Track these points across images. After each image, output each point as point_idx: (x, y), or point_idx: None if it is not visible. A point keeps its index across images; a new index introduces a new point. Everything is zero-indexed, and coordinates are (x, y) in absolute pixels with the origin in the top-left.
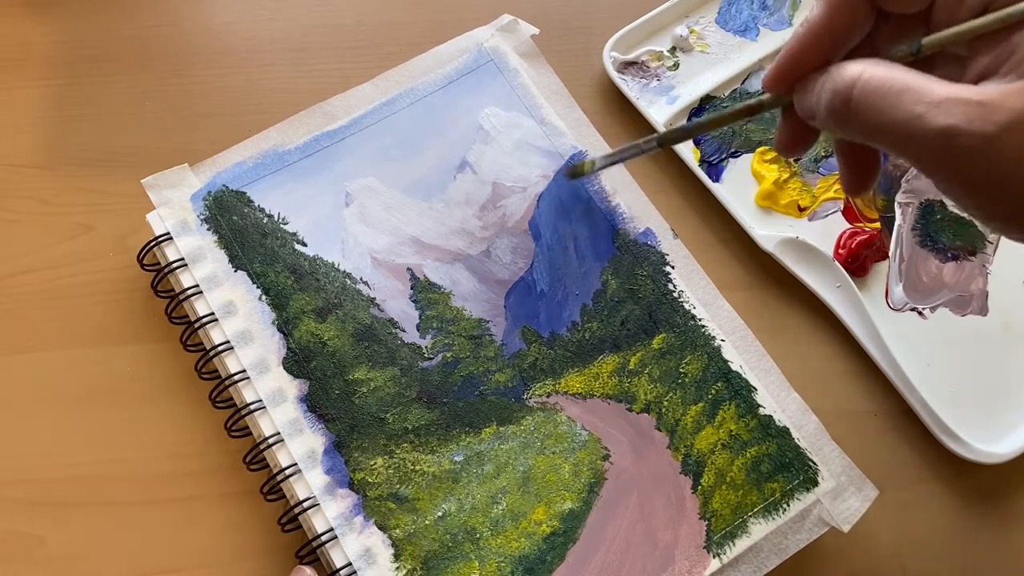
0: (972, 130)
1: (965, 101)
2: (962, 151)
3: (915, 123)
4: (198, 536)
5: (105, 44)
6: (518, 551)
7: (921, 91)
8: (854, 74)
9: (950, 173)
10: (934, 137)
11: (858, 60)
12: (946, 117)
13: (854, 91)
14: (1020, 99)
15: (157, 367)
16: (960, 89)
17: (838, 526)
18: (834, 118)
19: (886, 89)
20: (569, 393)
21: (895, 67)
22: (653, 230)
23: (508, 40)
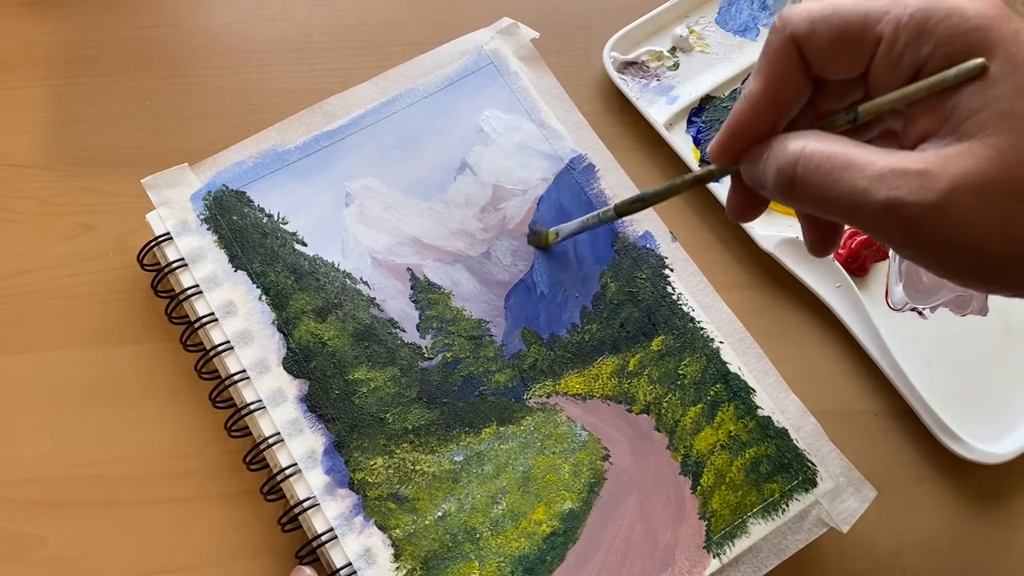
0: (915, 200)
1: (905, 172)
2: (908, 220)
3: (859, 197)
4: (198, 536)
5: (105, 44)
6: (518, 551)
7: (862, 165)
8: (796, 151)
9: (899, 240)
10: (879, 210)
11: (798, 133)
12: (888, 190)
13: (797, 168)
14: (958, 164)
15: (157, 367)
16: (900, 159)
17: (837, 526)
18: (781, 193)
19: (828, 166)
20: (569, 394)
21: (836, 140)
22: (652, 233)
23: (508, 43)
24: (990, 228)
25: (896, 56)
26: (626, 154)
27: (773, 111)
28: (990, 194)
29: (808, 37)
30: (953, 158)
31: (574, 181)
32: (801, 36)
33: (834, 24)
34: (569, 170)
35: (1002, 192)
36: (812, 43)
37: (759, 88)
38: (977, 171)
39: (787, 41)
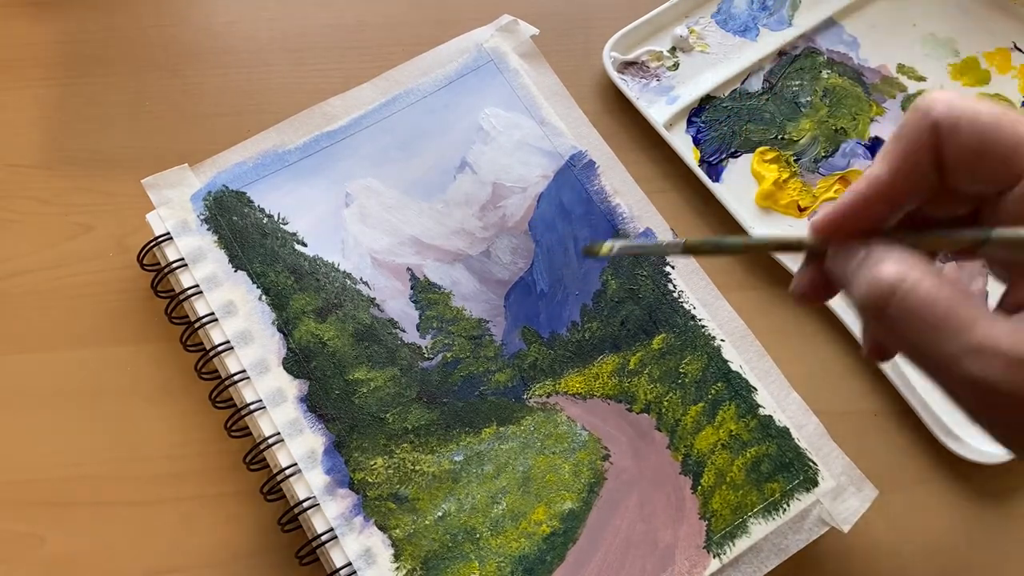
0: (1008, 390)
1: (1004, 355)
2: (992, 403)
3: (948, 362)
4: (198, 536)
5: (105, 44)
6: (518, 551)
7: (960, 327)
8: (894, 280)
9: (979, 413)
10: (966, 383)
11: (901, 254)
12: (982, 368)
13: (890, 305)
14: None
15: (157, 367)
16: (1005, 334)
17: (838, 526)
18: (867, 316)
19: (924, 315)
20: (569, 393)
21: (939, 281)
22: (653, 230)
23: (508, 40)
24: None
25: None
26: (626, 154)
27: (891, 201)
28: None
29: (952, 132)
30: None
31: (574, 178)
32: (945, 128)
33: (983, 131)
34: (569, 167)
35: None
36: (954, 141)
37: (884, 173)
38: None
39: (928, 128)
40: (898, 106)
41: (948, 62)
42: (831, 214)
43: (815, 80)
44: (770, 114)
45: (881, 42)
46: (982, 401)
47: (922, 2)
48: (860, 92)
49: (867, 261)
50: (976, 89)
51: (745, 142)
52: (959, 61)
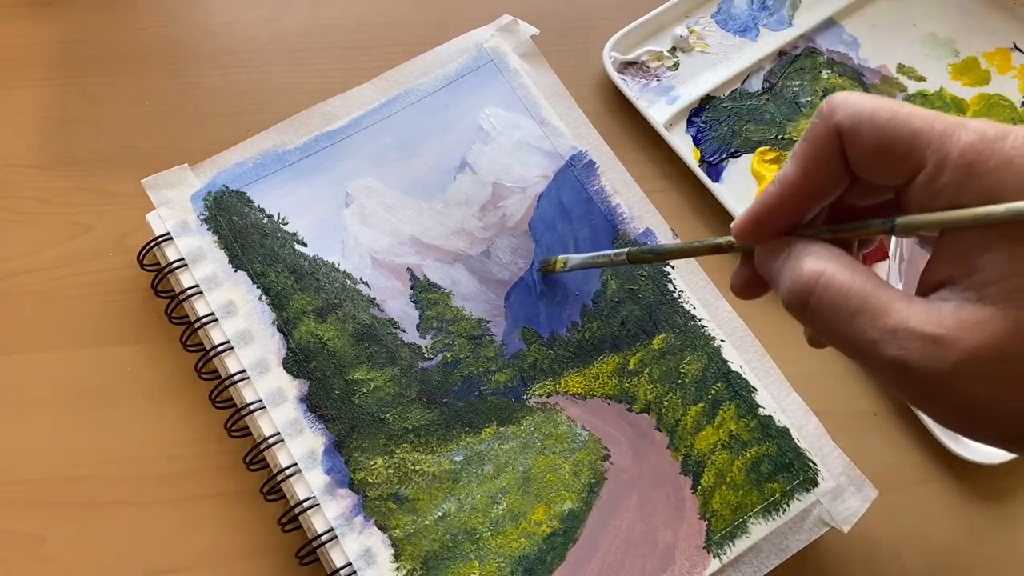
0: (923, 367)
1: (919, 335)
2: (915, 383)
3: (868, 347)
4: (198, 536)
5: (105, 44)
6: (518, 551)
7: (876, 313)
8: (812, 276)
9: (905, 397)
10: (886, 366)
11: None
12: (897, 349)
13: (811, 299)
14: (974, 335)
15: (157, 367)
16: (916, 315)
17: (838, 526)
18: (792, 313)
19: (842, 305)
20: (569, 393)
21: (855, 271)
22: (653, 230)
23: (508, 40)
24: (1001, 405)
25: (935, 190)
26: (626, 154)
27: (805, 200)
28: (1004, 372)
29: (853, 133)
30: (969, 327)
31: (574, 178)
32: (846, 130)
33: (881, 130)
34: (569, 167)
35: (1016, 372)
36: (855, 141)
37: (795, 175)
38: (993, 346)
39: (831, 131)
40: None
41: (948, 62)
42: (748, 217)
43: (815, 80)
44: (770, 114)
45: (881, 42)
46: (903, 381)
47: (922, 2)
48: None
49: (787, 260)
50: (976, 89)
51: (745, 142)
52: (959, 61)
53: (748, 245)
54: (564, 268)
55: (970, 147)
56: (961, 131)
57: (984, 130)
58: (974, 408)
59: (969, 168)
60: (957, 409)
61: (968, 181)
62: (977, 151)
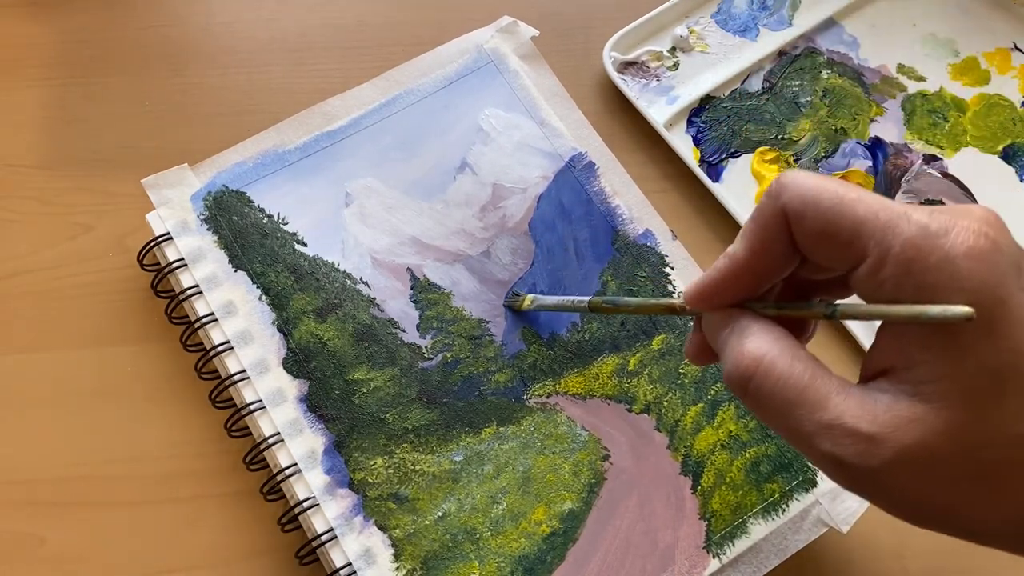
0: (856, 464)
1: (853, 432)
2: (847, 476)
3: (804, 440)
4: (198, 536)
5: (105, 44)
6: (518, 551)
7: (812, 407)
8: (752, 361)
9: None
10: (821, 458)
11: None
12: (832, 446)
13: (750, 385)
14: (907, 433)
15: (157, 367)
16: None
17: (837, 527)
18: (732, 391)
19: (779, 394)
20: (569, 394)
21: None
22: (653, 231)
23: (508, 42)
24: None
25: (877, 281)
26: (626, 154)
27: (753, 277)
28: (936, 471)
29: (798, 218)
30: (903, 424)
31: (574, 179)
32: (792, 213)
33: (825, 217)
34: (569, 168)
35: (949, 471)
36: (801, 226)
37: (743, 253)
38: (925, 445)
39: (778, 213)
40: (898, 106)
41: (948, 62)
42: (699, 286)
43: (815, 80)
44: (770, 114)
45: (881, 42)
46: (837, 475)
47: (922, 2)
48: (860, 92)
49: (731, 336)
50: (976, 89)
51: (745, 142)
52: (959, 61)
53: (696, 313)
54: (531, 307)
55: (909, 243)
56: (903, 224)
57: (926, 224)
58: (910, 503)
59: (909, 264)
60: (894, 503)
61: (908, 276)
62: (916, 247)
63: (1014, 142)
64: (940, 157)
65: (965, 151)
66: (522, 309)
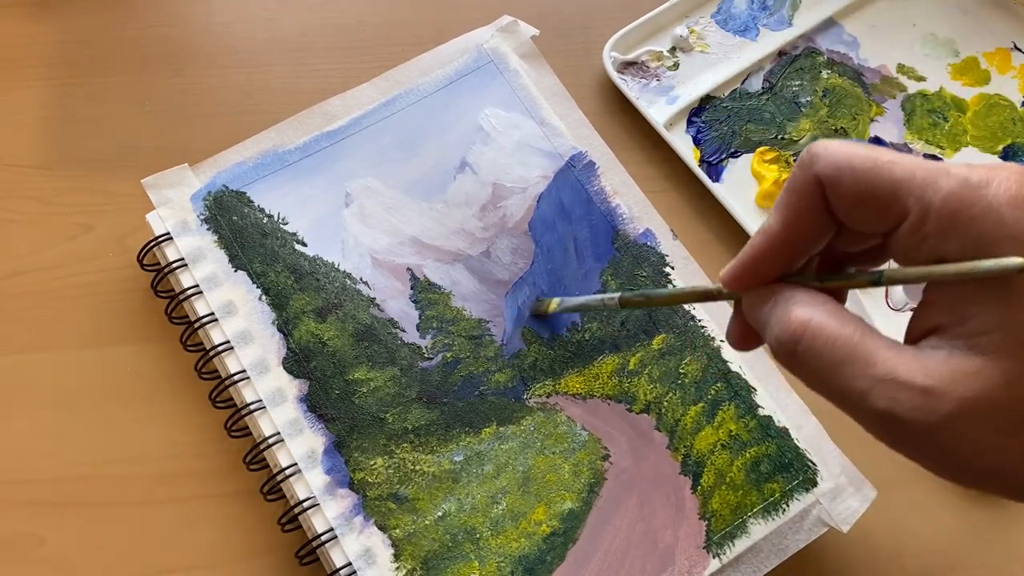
0: (914, 419)
1: (908, 386)
2: (906, 435)
3: (857, 398)
4: (198, 536)
5: (105, 44)
6: (518, 551)
7: (865, 363)
8: (799, 325)
9: (895, 447)
10: (876, 417)
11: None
12: (887, 402)
13: (798, 347)
14: (965, 386)
15: (157, 367)
16: (905, 364)
17: (837, 526)
18: (780, 361)
19: (829, 354)
20: (569, 393)
21: (843, 319)
22: (653, 231)
23: (508, 41)
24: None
25: (920, 238)
26: (626, 154)
27: (791, 250)
28: (996, 423)
29: (834, 184)
30: (960, 378)
31: (574, 178)
32: (827, 180)
33: (862, 180)
34: (569, 167)
35: (1009, 423)
36: (837, 191)
37: (778, 226)
38: (985, 397)
39: (812, 181)
40: (898, 106)
41: (948, 62)
42: (736, 266)
43: (815, 80)
44: (770, 114)
45: (881, 42)
46: (892, 433)
47: (922, 2)
48: (860, 92)
49: (775, 308)
50: (976, 89)
51: (745, 142)
52: (959, 61)
53: (736, 294)
54: (557, 309)
55: (952, 195)
56: (943, 178)
57: (967, 176)
58: (966, 460)
59: (952, 217)
60: (948, 460)
61: (952, 229)
62: (959, 199)
63: (1014, 142)
64: (940, 157)
65: (965, 151)
66: (548, 313)
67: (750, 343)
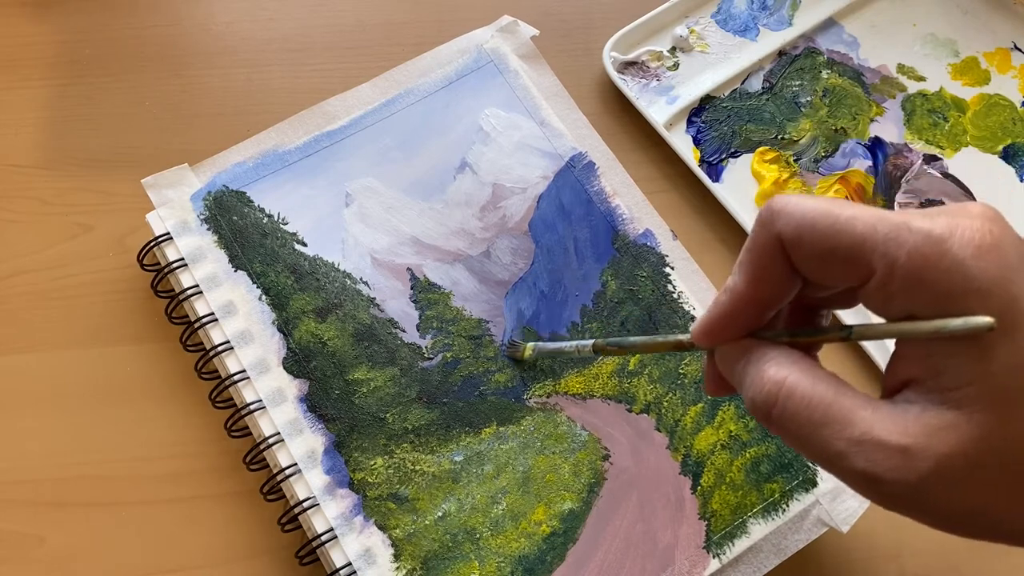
0: (893, 479)
1: (885, 446)
2: (886, 495)
3: (836, 459)
4: (198, 536)
5: (105, 44)
6: (518, 551)
7: (841, 424)
8: (774, 385)
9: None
10: (856, 478)
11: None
12: (865, 463)
13: (773, 410)
14: (942, 442)
15: (157, 367)
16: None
17: (837, 527)
18: (756, 419)
19: (805, 416)
20: (569, 393)
21: (816, 378)
22: (653, 231)
23: (508, 41)
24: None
25: (887, 295)
26: (626, 154)
27: (758, 307)
28: (975, 477)
29: (795, 245)
30: (936, 433)
31: (574, 179)
32: (788, 241)
33: (823, 240)
34: (569, 168)
35: (988, 475)
36: (799, 252)
37: (744, 285)
38: (963, 452)
39: (773, 242)
40: (898, 106)
41: (948, 62)
42: (705, 323)
43: (815, 80)
44: (770, 114)
45: (881, 42)
46: (875, 493)
47: (922, 2)
48: (860, 92)
49: (748, 367)
50: (976, 89)
51: (745, 142)
52: (959, 61)
53: (706, 348)
54: (532, 355)
55: (916, 252)
56: (905, 234)
57: (928, 231)
58: (950, 513)
59: (918, 274)
60: (932, 514)
61: (919, 286)
62: (923, 256)
63: (1014, 142)
64: (940, 157)
65: (965, 151)
66: (523, 359)
67: (725, 391)
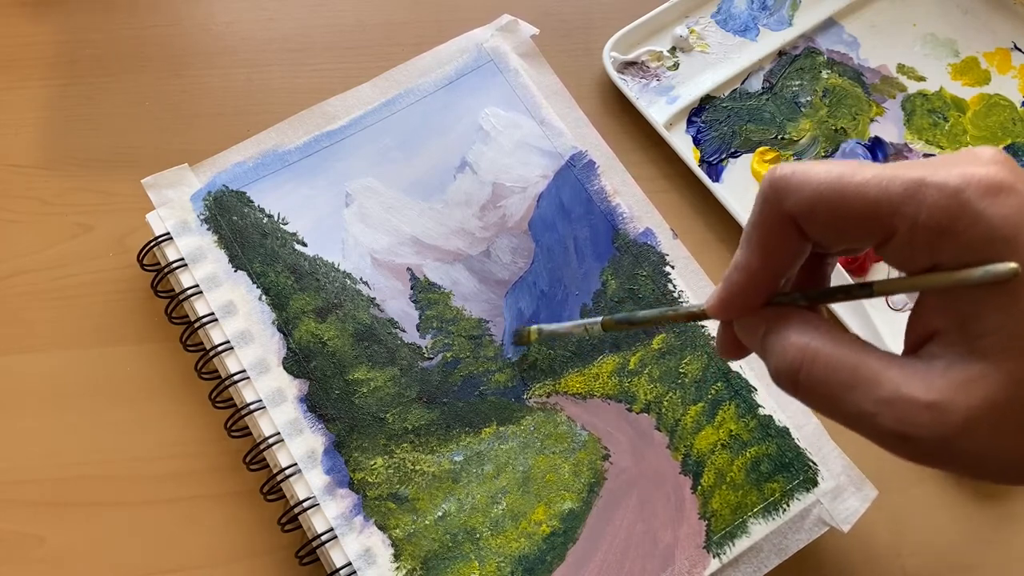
0: (925, 436)
1: (915, 403)
2: (919, 452)
3: (867, 420)
4: (198, 536)
5: (105, 44)
6: (518, 551)
7: (869, 383)
8: (797, 353)
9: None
10: (887, 436)
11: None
12: (895, 422)
13: (800, 376)
14: (972, 394)
15: (157, 367)
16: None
17: (838, 526)
18: (782, 388)
19: (833, 381)
20: (569, 393)
21: (839, 342)
22: (653, 230)
23: (508, 40)
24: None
25: (911, 251)
26: (626, 154)
27: (772, 277)
28: (1007, 425)
29: (808, 218)
30: (965, 386)
31: (574, 178)
32: (800, 215)
33: (837, 209)
34: (569, 167)
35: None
36: (813, 224)
37: (756, 261)
38: (993, 402)
39: (784, 219)
40: (898, 106)
41: (948, 62)
42: (720, 297)
43: (815, 80)
44: (770, 114)
45: (881, 42)
46: (907, 451)
47: (922, 2)
48: (860, 92)
49: (768, 336)
50: (976, 89)
51: (745, 142)
52: (959, 61)
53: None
54: (538, 338)
55: (936, 208)
56: (922, 190)
57: (943, 183)
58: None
59: (940, 229)
60: (968, 466)
61: (941, 239)
62: (944, 210)
63: (1014, 142)
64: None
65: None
66: (529, 342)
67: (742, 352)
